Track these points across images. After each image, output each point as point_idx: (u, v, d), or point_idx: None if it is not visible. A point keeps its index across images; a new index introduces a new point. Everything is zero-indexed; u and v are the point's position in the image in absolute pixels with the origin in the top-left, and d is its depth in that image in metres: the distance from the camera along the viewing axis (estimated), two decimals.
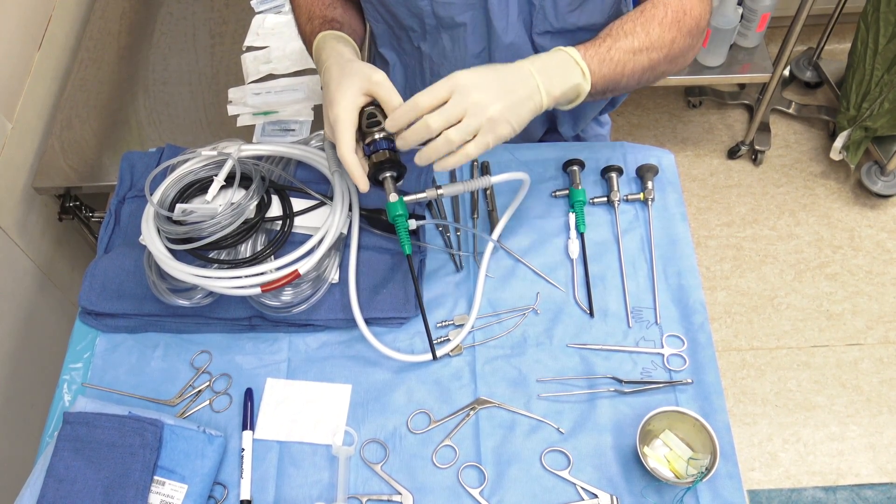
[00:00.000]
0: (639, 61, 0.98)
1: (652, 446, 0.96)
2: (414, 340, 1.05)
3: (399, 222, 0.97)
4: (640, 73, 0.99)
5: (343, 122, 0.91)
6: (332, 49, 0.99)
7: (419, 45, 1.16)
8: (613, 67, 0.96)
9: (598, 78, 0.95)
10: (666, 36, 0.99)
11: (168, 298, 1.01)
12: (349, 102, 0.91)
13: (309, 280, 1.03)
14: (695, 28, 1.02)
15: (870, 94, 2.16)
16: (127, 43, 1.69)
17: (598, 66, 0.95)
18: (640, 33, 0.98)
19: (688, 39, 1.02)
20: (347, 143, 0.91)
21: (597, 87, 0.96)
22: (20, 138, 1.49)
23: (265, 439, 0.98)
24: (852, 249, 2.28)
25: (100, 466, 0.91)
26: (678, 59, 1.04)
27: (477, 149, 0.88)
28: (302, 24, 1.11)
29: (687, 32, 1.02)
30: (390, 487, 0.94)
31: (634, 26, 0.98)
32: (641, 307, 1.07)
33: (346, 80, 0.92)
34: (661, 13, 0.99)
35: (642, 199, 1.15)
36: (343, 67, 0.95)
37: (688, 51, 1.04)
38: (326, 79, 0.96)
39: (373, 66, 0.94)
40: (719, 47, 2.14)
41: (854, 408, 2.01)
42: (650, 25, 0.98)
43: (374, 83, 0.92)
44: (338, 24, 1.06)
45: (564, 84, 0.93)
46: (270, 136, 1.49)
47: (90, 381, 1.03)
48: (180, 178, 1.07)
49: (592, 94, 0.97)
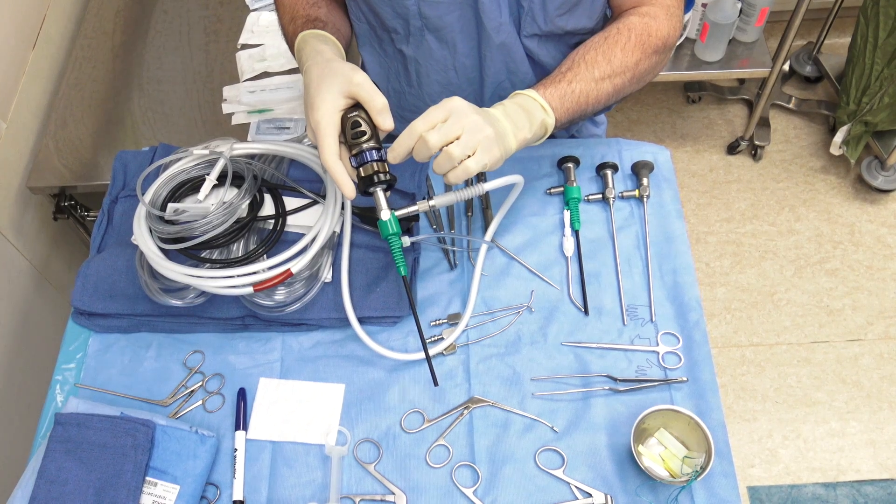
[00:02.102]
0: (602, 89, 1.01)
1: (647, 445, 0.95)
2: (407, 339, 1.04)
3: (393, 242, 0.94)
4: (605, 99, 1.02)
5: (324, 128, 0.89)
6: (312, 48, 0.97)
7: (401, 48, 1.15)
8: (576, 100, 0.99)
9: (563, 113, 0.99)
10: (629, 59, 1.02)
11: (160, 298, 1.01)
12: (330, 105, 0.89)
13: (302, 279, 1.02)
14: (661, 46, 1.05)
15: (870, 88, 2.14)
16: (121, 41, 1.68)
17: (559, 101, 0.98)
18: (602, 62, 1.01)
19: (653, 58, 1.05)
20: (330, 149, 0.89)
21: (561, 121, 0.99)
22: (14, 137, 1.49)
23: (258, 439, 0.97)
24: (852, 245, 2.27)
25: (91, 467, 0.91)
26: (645, 78, 1.06)
27: (476, 165, 0.89)
28: (285, 24, 1.10)
29: (652, 52, 1.04)
30: (384, 487, 0.94)
31: (596, 55, 1.01)
32: (636, 305, 1.06)
33: (326, 82, 0.90)
34: (625, 38, 1.02)
35: (637, 196, 1.14)
36: (323, 68, 0.92)
37: (654, 67, 1.07)
38: (307, 80, 0.94)
39: (354, 66, 0.92)
40: (718, 42, 2.13)
41: (854, 404, 2.00)
42: (612, 52, 1.01)
43: (355, 84, 0.89)
44: (321, 23, 1.04)
45: (531, 126, 0.96)
46: (265, 133, 1.49)
47: (83, 382, 1.03)
48: (172, 178, 1.06)
49: (559, 126, 1.00)
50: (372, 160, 0.91)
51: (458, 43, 1.11)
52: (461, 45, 1.11)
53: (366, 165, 0.91)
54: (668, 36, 1.05)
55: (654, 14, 1.04)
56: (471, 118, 0.89)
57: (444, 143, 0.88)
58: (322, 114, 0.89)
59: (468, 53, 1.13)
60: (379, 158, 0.91)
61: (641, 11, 1.05)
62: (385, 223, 0.93)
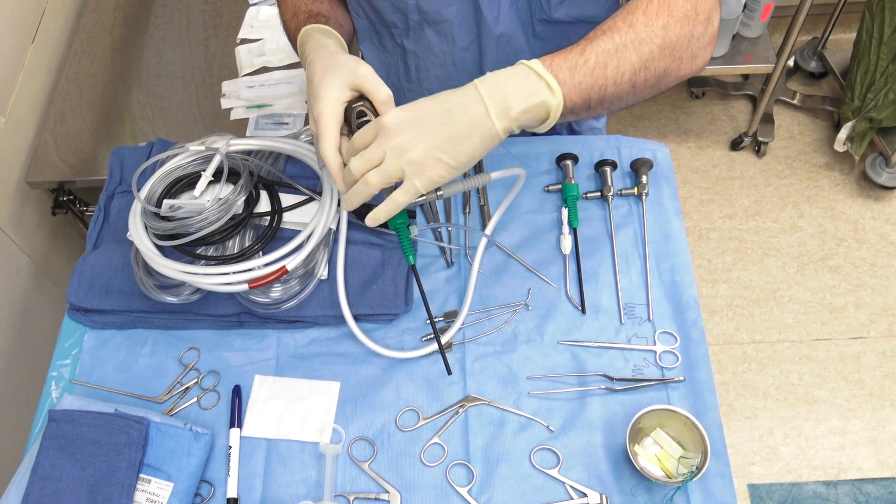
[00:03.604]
0: (625, 59, 0.83)
1: (643, 445, 0.95)
2: (403, 337, 1.04)
3: (401, 231, 0.93)
4: (630, 73, 0.84)
5: (326, 119, 0.87)
6: (316, 42, 0.96)
7: (402, 42, 1.14)
8: (591, 72, 0.82)
9: (572, 88, 0.81)
10: (654, 24, 0.84)
11: (156, 295, 1.00)
12: (334, 97, 0.88)
13: (297, 276, 1.02)
14: (691, 12, 0.86)
15: (875, 84, 2.13)
16: (121, 36, 1.68)
17: (569, 74, 0.81)
18: (622, 26, 0.84)
19: (685, 25, 0.86)
20: (330, 140, 0.87)
21: (574, 101, 0.82)
22: (13, 132, 1.49)
23: (253, 437, 0.97)
24: (856, 242, 2.25)
25: (85, 464, 0.91)
26: (679, 52, 0.87)
27: (405, 195, 0.81)
28: (287, 20, 1.09)
29: (682, 17, 0.86)
30: (378, 486, 0.93)
31: (614, 21, 0.85)
32: (634, 303, 1.05)
33: (331, 74, 0.89)
34: (645, 2, 0.86)
35: (636, 193, 1.14)
36: (327, 61, 0.91)
37: (690, 40, 0.87)
38: (310, 73, 0.93)
39: (358, 59, 0.91)
40: (722, 37, 2.12)
41: (856, 402, 1.99)
42: (633, 16, 0.85)
43: (359, 76, 0.88)
44: (323, 17, 1.03)
45: (524, 103, 0.80)
46: (264, 129, 1.48)
47: (78, 378, 1.02)
48: (168, 174, 1.06)
49: (572, 110, 0.84)
50: None
51: (458, 37, 1.10)
52: (460, 39, 1.10)
53: None
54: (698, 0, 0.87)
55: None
56: (393, 141, 0.80)
57: (366, 170, 0.82)
58: (325, 104, 0.87)
59: (467, 47, 1.12)
60: None
61: None
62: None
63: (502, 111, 0.80)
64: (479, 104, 0.80)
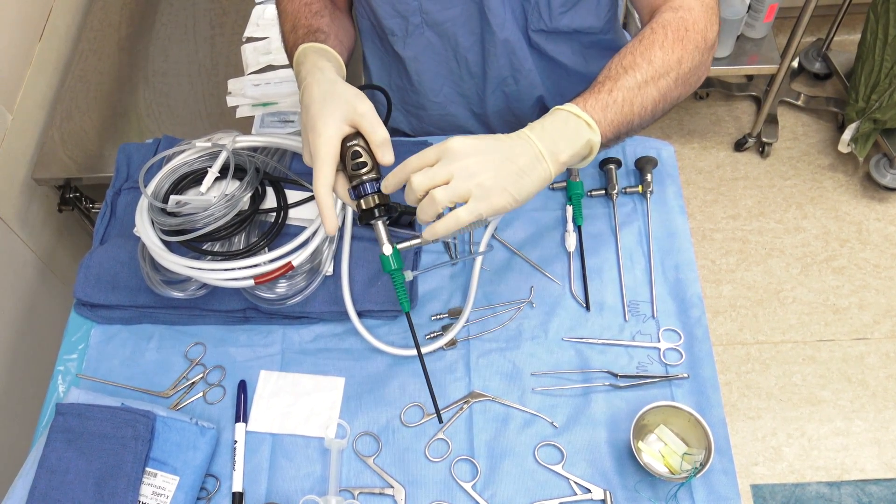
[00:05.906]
0: (648, 94, 0.89)
1: (646, 441, 0.95)
2: (407, 333, 1.04)
3: (396, 278, 0.90)
4: (652, 106, 0.91)
5: (323, 157, 0.84)
6: (312, 65, 0.93)
7: (398, 50, 1.13)
8: (620, 109, 0.87)
9: (607, 126, 0.87)
10: (670, 58, 0.91)
11: (162, 290, 1.01)
12: (332, 133, 0.85)
13: (303, 272, 1.03)
14: (702, 42, 0.94)
15: (879, 85, 2.13)
16: (127, 34, 1.68)
17: (601, 113, 0.87)
18: (642, 64, 0.89)
19: (696, 56, 0.94)
20: (325, 180, 0.84)
21: (607, 136, 0.87)
22: (20, 129, 1.49)
23: (258, 431, 0.98)
24: (860, 243, 2.25)
25: (92, 458, 0.91)
26: (690, 80, 0.95)
27: (468, 214, 0.81)
28: (286, 32, 1.06)
29: (694, 48, 0.93)
30: (382, 480, 0.94)
31: (634, 58, 0.90)
32: (638, 301, 1.06)
33: (329, 107, 0.86)
34: (661, 36, 0.92)
35: (641, 191, 1.14)
36: (326, 88, 0.88)
37: (698, 68, 0.95)
38: (307, 100, 0.89)
39: (358, 92, 0.88)
40: (726, 38, 2.12)
41: (860, 402, 1.99)
42: (651, 52, 0.90)
43: (358, 114, 0.85)
44: (323, 34, 1.00)
45: (573, 146, 0.85)
46: (270, 127, 1.49)
47: (84, 373, 1.03)
48: (175, 170, 1.06)
49: (605, 144, 0.88)
50: (373, 192, 0.87)
51: (460, 37, 1.10)
52: (463, 40, 1.11)
53: (366, 198, 0.87)
54: (706, 29, 0.94)
55: (687, 6, 0.95)
56: (463, 162, 0.80)
57: (429, 187, 0.81)
58: (324, 141, 0.85)
59: (470, 48, 1.12)
60: (379, 190, 0.87)
61: (673, 5, 0.96)
62: (387, 259, 0.89)
63: (553, 154, 0.84)
64: (533, 147, 0.84)
